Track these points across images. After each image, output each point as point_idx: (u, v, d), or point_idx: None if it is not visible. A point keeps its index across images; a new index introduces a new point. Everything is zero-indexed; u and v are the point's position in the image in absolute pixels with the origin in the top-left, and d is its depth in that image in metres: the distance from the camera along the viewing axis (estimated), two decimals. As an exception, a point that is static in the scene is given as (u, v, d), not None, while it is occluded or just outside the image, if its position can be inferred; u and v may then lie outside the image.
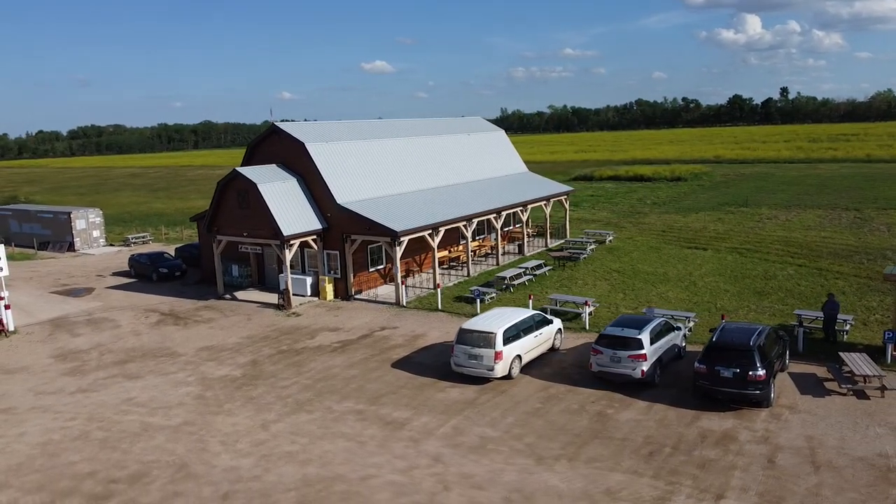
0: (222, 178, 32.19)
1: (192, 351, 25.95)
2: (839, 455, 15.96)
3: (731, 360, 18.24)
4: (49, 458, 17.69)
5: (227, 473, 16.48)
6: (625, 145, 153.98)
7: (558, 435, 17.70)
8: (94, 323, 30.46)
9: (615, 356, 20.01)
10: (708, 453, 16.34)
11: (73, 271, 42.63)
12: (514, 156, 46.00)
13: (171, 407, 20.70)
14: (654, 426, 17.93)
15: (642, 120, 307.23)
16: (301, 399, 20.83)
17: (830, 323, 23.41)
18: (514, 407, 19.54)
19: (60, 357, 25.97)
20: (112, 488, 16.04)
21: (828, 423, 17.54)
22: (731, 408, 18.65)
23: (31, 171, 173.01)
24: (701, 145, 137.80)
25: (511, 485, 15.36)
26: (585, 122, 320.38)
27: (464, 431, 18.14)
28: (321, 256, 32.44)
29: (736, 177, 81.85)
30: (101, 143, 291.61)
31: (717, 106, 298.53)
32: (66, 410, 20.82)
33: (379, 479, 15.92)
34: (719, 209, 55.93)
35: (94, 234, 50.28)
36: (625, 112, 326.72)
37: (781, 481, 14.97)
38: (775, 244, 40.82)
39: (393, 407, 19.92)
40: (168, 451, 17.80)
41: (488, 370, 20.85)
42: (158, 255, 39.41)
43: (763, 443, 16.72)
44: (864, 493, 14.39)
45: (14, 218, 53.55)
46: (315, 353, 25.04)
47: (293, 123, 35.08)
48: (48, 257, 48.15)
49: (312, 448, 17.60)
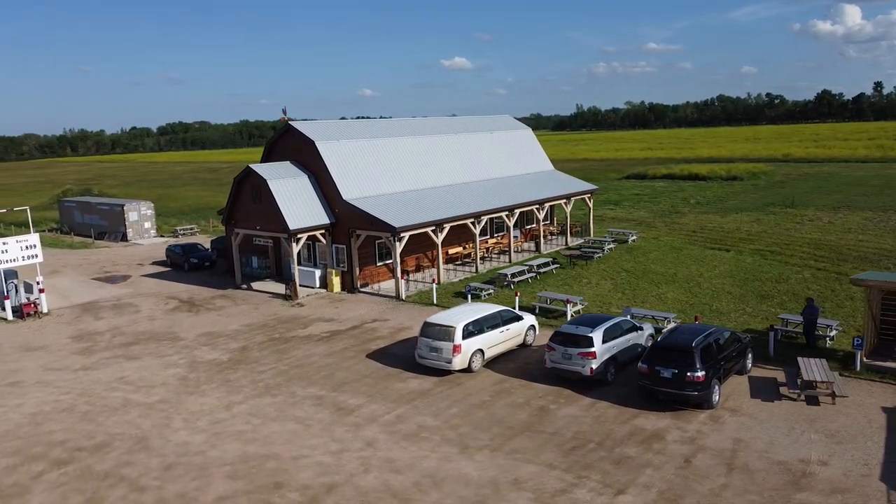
0: (238, 174, 34.00)
1: (193, 336, 27.72)
2: (759, 458, 15.87)
3: (671, 361, 18.29)
4: (33, 427, 19.58)
5: (177, 448, 17.87)
6: (696, 143, 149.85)
7: (493, 427, 18.24)
8: (119, 308, 32.83)
9: (566, 353, 20.32)
10: (628, 451, 16.55)
11: (120, 260, 45.71)
12: (540, 154, 46.14)
13: (154, 386, 22.38)
14: (589, 422, 18.22)
15: (723, 117, 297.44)
16: (271, 384, 22.11)
17: (810, 328, 22.86)
18: (464, 399, 20.17)
19: (77, 338, 28.26)
20: (75, 455, 17.69)
21: (764, 427, 17.38)
22: (674, 408, 18.69)
23: (119, 166, 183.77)
24: (777, 143, 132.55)
25: (426, 470, 16.07)
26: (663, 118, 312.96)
27: (406, 419, 18.94)
28: (330, 250, 33.79)
29: (798, 176, 78.77)
30: (187, 139, 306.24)
31: (803, 102, 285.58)
32: (64, 385, 22.83)
33: (309, 459, 16.94)
34: (762, 210, 54.25)
35: (146, 225, 53.58)
36: (704, 108, 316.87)
37: (688, 481, 15.08)
38: (804, 246, 39.51)
39: (351, 394, 20.91)
40: (135, 425, 19.38)
41: (447, 363, 21.54)
42: (192, 246, 41.80)
43: (688, 443, 16.78)
44: (767, 496, 14.35)
45: (77, 209, 57.66)
46: (302, 341, 26.33)
47: (307, 122, 36.54)
48: (103, 246, 51.69)
49: (262, 429, 18.80)
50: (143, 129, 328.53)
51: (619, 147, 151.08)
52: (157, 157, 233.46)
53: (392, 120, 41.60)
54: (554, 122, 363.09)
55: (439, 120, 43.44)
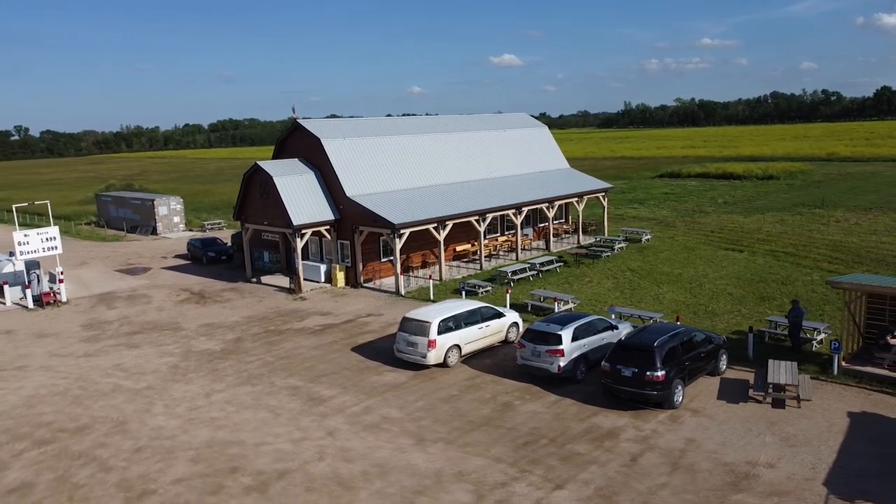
0: (247, 171, 34.99)
1: (195, 327, 28.76)
2: (707, 459, 15.84)
3: (632, 360, 18.32)
4: (27, 409, 20.74)
5: (151, 431, 18.74)
6: (742, 141, 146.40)
7: (453, 420, 18.58)
8: (133, 298, 34.21)
9: (536, 350, 20.51)
10: (579, 448, 16.69)
11: (146, 252, 47.43)
12: (555, 152, 46.05)
13: (145, 373, 23.39)
14: (548, 419, 18.39)
15: (775, 114, 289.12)
16: (255, 374, 22.87)
17: (796, 330, 22.49)
18: (433, 392, 20.55)
19: (88, 326, 29.62)
20: (57, 436, 18.71)
21: (721, 429, 17.29)
22: (636, 407, 18.71)
23: (167, 161, 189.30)
24: (827, 142, 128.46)
25: (377, 460, 16.52)
26: (713, 116, 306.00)
27: (372, 411, 19.42)
28: (335, 246, 34.53)
29: (839, 176, 76.45)
30: (236, 136, 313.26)
31: (861, 99, 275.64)
32: (64, 371, 24.04)
33: (271, 446, 17.57)
34: (790, 210, 52.98)
35: (175, 219, 55.39)
36: (757, 106, 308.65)
37: (629, 479, 15.17)
38: (821, 248, 38.57)
39: (327, 385, 21.50)
40: (119, 409, 20.35)
41: (422, 357, 21.95)
42: (211, 240, 43.12)
43: (640, 442, 16.82)
44: (702, 496, 14.35)
45: (113, 204, 59.96)
46: (294, 334, 27.07)
47: (315, 120, 37.32)
48: (133, 239, 53.66)
49: (235, 416, 19.53)
50: (195, 125, 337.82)
51: (661, 145, 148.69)
52: (205, 153, 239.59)
53: (403, 118, 42.13)
54: (601, 120, 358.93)
55: (452, 118, 43.78)
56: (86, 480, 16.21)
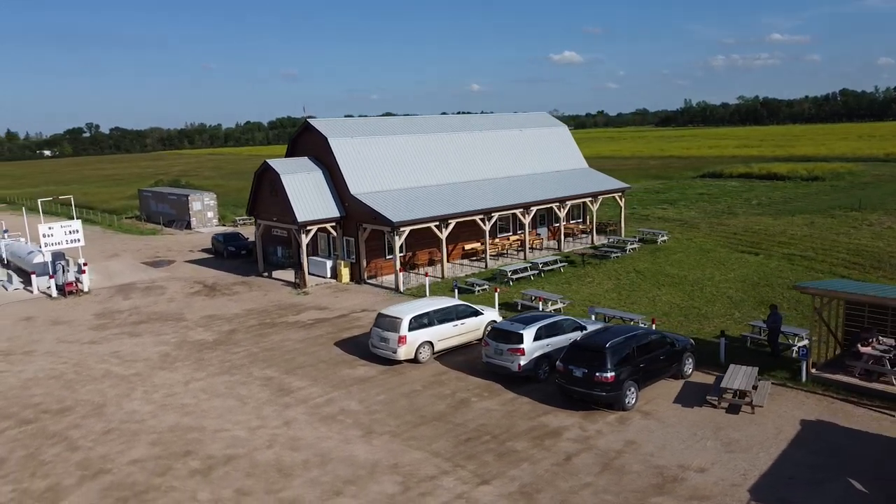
0: (258, 169, 36.12)
1: (197, 318, 29.97)
2: (640, 462, 15.82)
3: (583, 360, 18.37)
4: (21, 391, 22.15)
5: (125, 415, 19.80)
6: (802, 140, 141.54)
7: (406, 414, 19.00)
8: (149, 289, 35.79)
9: (498, 349, 20.72)
10: (518, 445, 16.89)
11: (175, 246, 49.37)
12: (574, 151, 45.79)
13: (137, 361, 24.60)
14: (498, 417, 18.62)
15: (843, 112, 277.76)
16: (237, 364, 23.78)
17: (774, 336, 22.05)
18: (397, 387, 21.01)
19: (100, 315, 31.20)
20: (39, 416, 19.98)
21: (666, 432, 17.20)
22: (589, 408, 18.75)
23: (224, 158, 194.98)
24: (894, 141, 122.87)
25: (322, 450, 17.10)
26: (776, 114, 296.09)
27: (333, 403, 20.02)
28: (340, 242, 35.34)
29: (890, 177, 73.32)
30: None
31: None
32: (65, 356, 25.48)
33: (227, 433, 18.36)
34: (824, 212, 51.24)
35: (209, 214, 57.38)
36: (824, 103, 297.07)
37: (556, 477, 15.31)
38: (842, 252, 37.32)
39: (299, 377, 22.22)
40: (102, 394, 21.53)
41: (392, 352, 22.44)
42: (233, 235, 44.61)
43: (580, 442, 16.90)
44: (622, 497, 14.39)
45: (152, 199, 62.50)
46: (286, 327, 27.94)
47: (324, 119, 38.19)
48: (168, 233, 55.87)
49: (204, 404, 20.43)
50: (255, 123, 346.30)
51: (714, 144, 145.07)
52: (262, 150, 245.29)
53: (415, 117, 42.64)
54: (659, 118, 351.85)
55: (468, 117, 44.11)
56: (51, 458, 17.31)
